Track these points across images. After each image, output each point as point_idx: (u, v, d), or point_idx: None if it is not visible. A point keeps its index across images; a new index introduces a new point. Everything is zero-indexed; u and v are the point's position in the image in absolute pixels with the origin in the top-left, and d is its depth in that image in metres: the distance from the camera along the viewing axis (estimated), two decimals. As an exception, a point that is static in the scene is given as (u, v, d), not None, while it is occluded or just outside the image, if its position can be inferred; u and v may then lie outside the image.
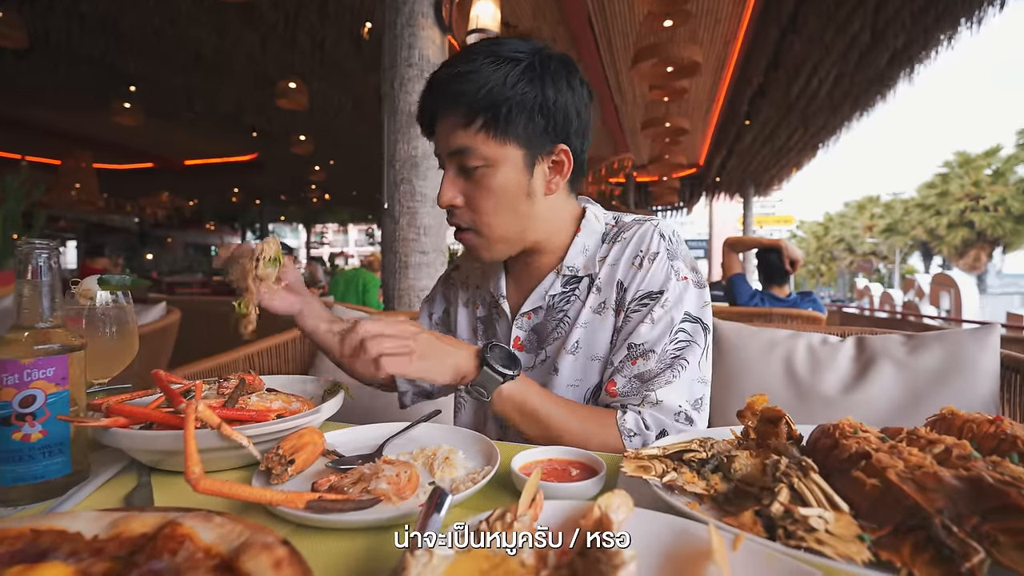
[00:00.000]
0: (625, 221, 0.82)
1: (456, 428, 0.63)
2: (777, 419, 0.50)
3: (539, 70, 0.70)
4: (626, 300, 0.75)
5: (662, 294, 0.73)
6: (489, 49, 0.70)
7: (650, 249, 0.76)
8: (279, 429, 0.52)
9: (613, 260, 0.78)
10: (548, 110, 0.70)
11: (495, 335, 0.87)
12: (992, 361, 1.20)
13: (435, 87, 0.71)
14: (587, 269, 0.79)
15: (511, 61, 0.69)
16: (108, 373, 0.77)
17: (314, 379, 0.74)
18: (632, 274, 0.75)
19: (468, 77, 0.68)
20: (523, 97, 0.68)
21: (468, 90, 0.68)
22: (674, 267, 0.75)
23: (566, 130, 0.73)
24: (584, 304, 0.78)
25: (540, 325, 0.81)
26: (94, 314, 0.75)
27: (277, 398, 0.59)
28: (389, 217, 2.09)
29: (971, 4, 4.31)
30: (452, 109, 0.70)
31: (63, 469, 0.48)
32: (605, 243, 0.80)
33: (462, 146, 0.70)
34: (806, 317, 2.56)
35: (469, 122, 0.69)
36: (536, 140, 0.71)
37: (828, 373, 1.32)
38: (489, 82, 0.67)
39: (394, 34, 2.07)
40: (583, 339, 0.77)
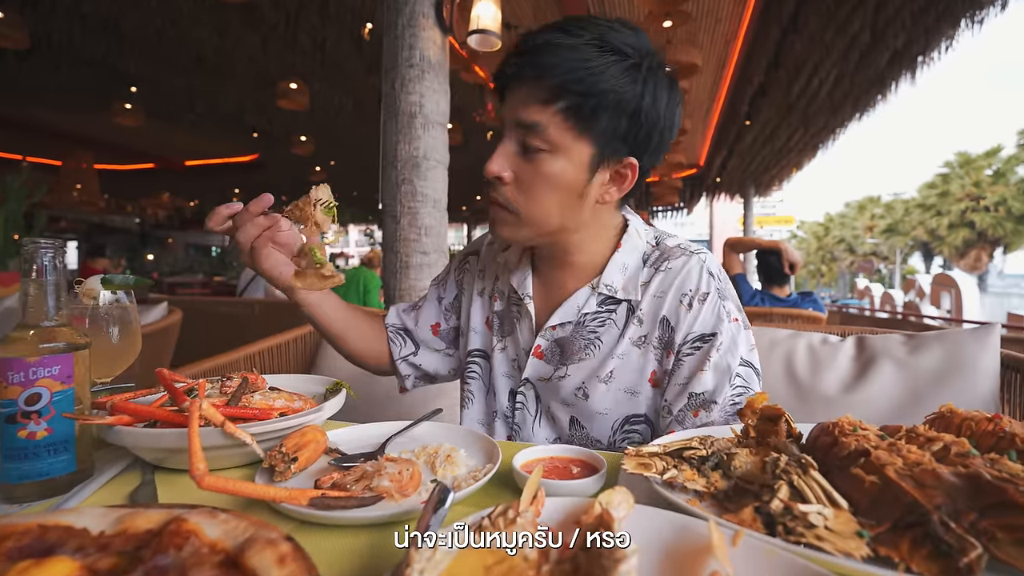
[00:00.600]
0: (668, 245, 0.78)
1: (458, 427, 0.63)
2: (777, 417, 0.50)
3: (644, 73, 0.65)
4: (675, 341, 0.71)
5: (715, 336, 0.70)
6: (598, 30, 0.64)
7: (700, 288, 0.72)
8: (282, 427, 0.52)
9: (657, 291, 0.74)
10: (637, 117, 0.65)
11: (513, 334, 0.83)
12: (992, 361, 1.20)
13: (527, 50, 0.64)
14: (626, 292, 0.75)
15: (618, 53, 0.64)
16: (111, 372, 0.78)
17: (316, 378, 0.74)
18: (681, 314, 0.72)
19: (566, 52, 0.62)
20: (618, 94, 0.63)
21: (562, 66, 0.62)
22: (725, 308, 0.72)
23: (644, 145, 0.68)
24: (622, 334, 0.74)
25: (566, 340, 0.77)
26: (97, 313, 0.75)
27: (280, 396, 0.60)
28: (390, 217, 2.10)
29: (972, 4, 4.31)
30: (537, 80, 0.64)
31: (68, 467, 0.49)
32: (647, 266, 0.76)
33: (534, 122, 0.64)
34: (806, 317, 2.56)
35: (551, 99, 0.63)
36: (611, 144, 0.66)
37: (828, 373, 1.32)
38: (587, 65, 0.62)
39: (395, 35, 2.07)
40: (619, 371, 0.74)
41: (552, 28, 0.65)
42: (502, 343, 0.84)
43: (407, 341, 0.93)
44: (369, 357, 0.90)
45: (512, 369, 0.84)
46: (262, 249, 0.67)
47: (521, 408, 0.81)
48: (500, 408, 0.84)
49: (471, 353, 0.88)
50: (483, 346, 0.87)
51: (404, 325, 0.93)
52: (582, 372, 0.76)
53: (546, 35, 0.64)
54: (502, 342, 0.84)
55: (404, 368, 0.92)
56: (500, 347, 0.84)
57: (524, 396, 0.81)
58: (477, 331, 0.88)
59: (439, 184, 2.12)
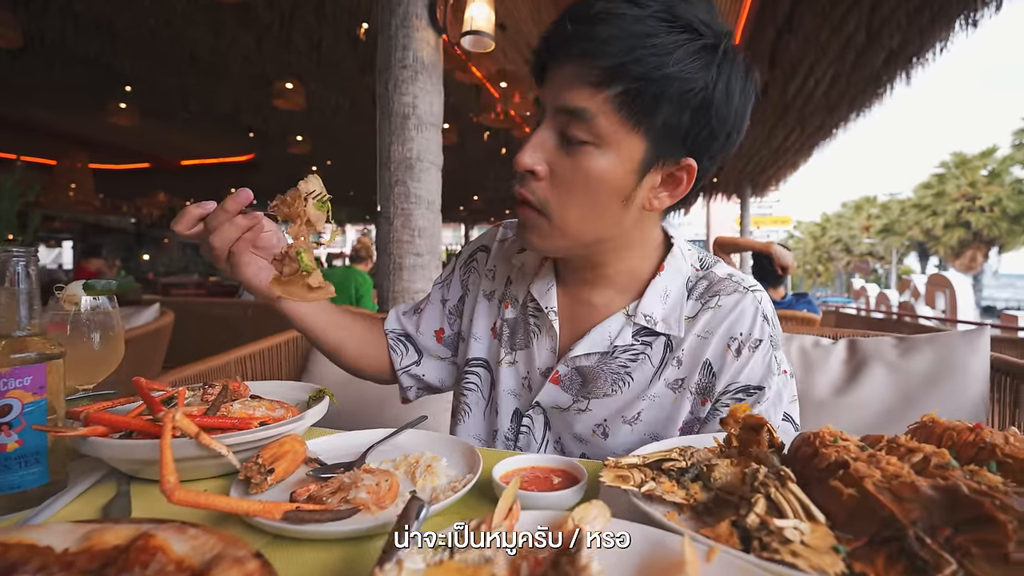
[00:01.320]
0: (717, 275, 0.68)
1: (440, 435, 0.63)
2: (759, 427, 0.50)
3: (720, 57, 0.54)
4: (715, 389, 0.64)
5: (762, 391, 0.63)
6: (667, 2, 0.53)
7: (752, 334, 0.64)
8: (260, 438, 0.51)
9: (703, 331, 0.65)
10: (705, 112, 0.55)
11: (527, 348, 0.73)
12: (982, 363, 1.20)
13: (579, 19, 0.53)
14: (667, 326, 0.65)
15: (690, 30, 0.53)
16: (93, 379, 0.77)
17: (301, 385, 0.73)
18: (727, 360, 0.64)
19: (625, 24, 0.51)
20: (684, 83, 0.52)
21: (618, 43, 0.51)
22: (777, 359, 0.65)
23: (708, 145, 0.58)
24: (658, 374, 0.65)
25: (590, 370, 0.68)
26: (79, 319, 0.74)
27: (260, 405, 0.59)
28: (383, 219, 2.09)
29: (966, 5, 4.32)
30: (587, 58, 0.53)
31: (40, 479, 0.48)
32: (692, 297, 0.67)
33: (580, 108, 0.54)
34: (801, 318, 2.57)
35: (604, 83, 0.53)
36: (668, 141, 0.56)
37: (820, 376, 1.33)
38: (650, 44, 0.51)
39: (388, 35, 2.06)
40: (647, 413, 0.66)
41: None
42: (511, 356, 0.75)
43: (408, 349, 0.84)
44: (368, 367, 0.82)
45: (521, 388, 0.74)
46: (242, 255, 0.58)
47: (526, 433, 0.73)
48: (501, 428, 0.75)
49: (470, 362, 0.79)
50: (486, 356, 0.78)
51: (405, 330, 0.85)
52: (605, 409, 0.67)
53: (604, 2, 0.52)
54: (511, 355, 0.75)
55: (406, 380, 0.84)
56: (509, 360, 0.75)
57: (531, 420, 0.73)
58: (480, 338, 0.78)
59: (432, 185, 2.12)
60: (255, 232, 0.59)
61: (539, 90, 0.60)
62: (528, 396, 0.74)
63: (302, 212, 0.56)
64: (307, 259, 0.56)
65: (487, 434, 0.78)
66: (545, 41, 0.58)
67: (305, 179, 0.58)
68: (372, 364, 0.82)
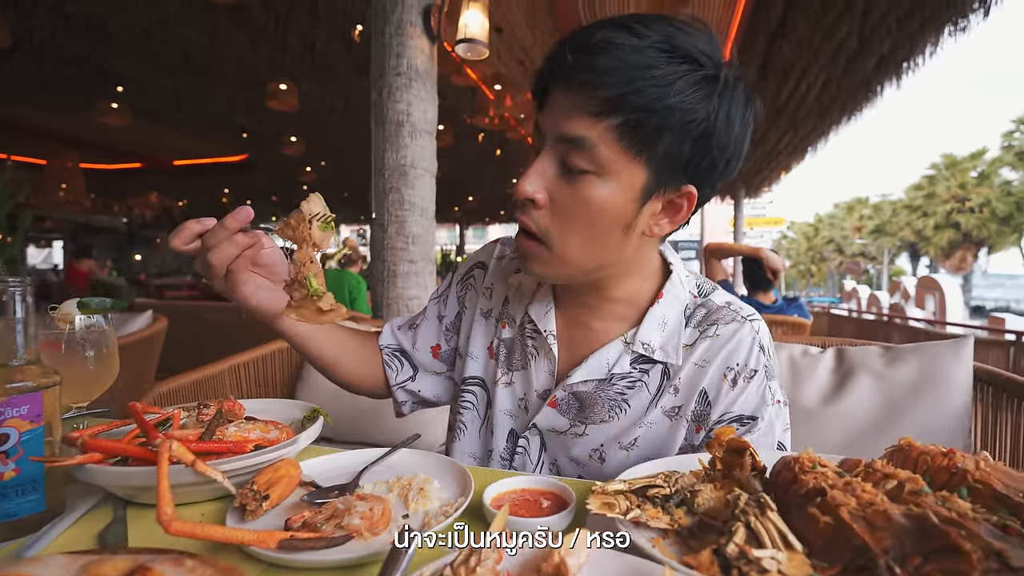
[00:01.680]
0: (715, 303, 0.68)
1: (432, 454, 0.64)
2: (742, 450, 0.51)
3: (720, 87, 0.54)
4: (710, 418, 0.65)
5: (755, 421, 0.64)
6: (666, 31, 0.53)
7: (748, 364, 0.64)
8: (255, 463, 0.52)
9: (700, 359, 0.65)
10: (706, 142, 0.55)
11: (524, 370, 0.73)
12: (965, 373, 1.23)
13: (579, 48, 0.53)
14: (665, 354, 0.66)
15: (689, 61, 0.53)
16: (88, 397, 0.77)
17: (295, 403, 0.74)
18: (723, 390, 0.64)
19: (625, 55, 0.51)
20: (686, 114, 0.53)
21: (618, 74, 0.51)
22: (771, 389, 0.65)
23: (709, 174, 0.58)
24: (655, 401, 0.66)
25: (587, 396, 0.68)
26: (73, 338, 0.75)
27: (255, 427, 0.60)
28: (377, 225, 2.10)
29: (955, 12, 4.38)
30: (587, 88, 0.53)
31: (37, 506, 0.48)
32: (690, 325, 0.67)
33: (581, 137, 0.54)
34: (791, 323, 2.60)
35: (604, 112, 0.53)
36: (669, 170, 0.56)
37: (808, 384, 1.35)
38: (650, 75, 0.51)
39: (382, 43, 2.07)
40: (643, 440, 0.67)
41: (612, 25, 0.53)
42: (508, 376, 0.75)
43: (404, 364, 0.84)
44: (363, 383, 0.82)
45: (517, 409, 0.75)
46: (240, 272, 0.57)
47: (522, 453, 0.73)
48: (496, 448, 0.75)
49: (466, 380, 0.79)
50: (482, 375, 0.78)
51: (401, 346, 0.84)
52: (602, 434, 0.68)
53: (604, 31, 0.53)
54: (508, 375, 0.75)
55: (401, 395, 0.84)
56: (505, 381, 0.75)
57: (527, 441, 0.73)
58: (476, 357, 0.78)
59: (427, 192, 2.13)
60: (255, 250, 0.58)
61: (539, 116, 0.60)
62: (524, 417, 0.74)
63: (307, 236, 0.56)
64: (316, 283, 0.56)
65: (482, 453, 0.78)
66: (546, 67, 0.58)
67: (307, 199, 0.57)
68: (366, 380, 0.82)
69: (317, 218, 0.56)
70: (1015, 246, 24.76)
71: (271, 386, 1.78)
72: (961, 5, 4.27)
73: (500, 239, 0.86)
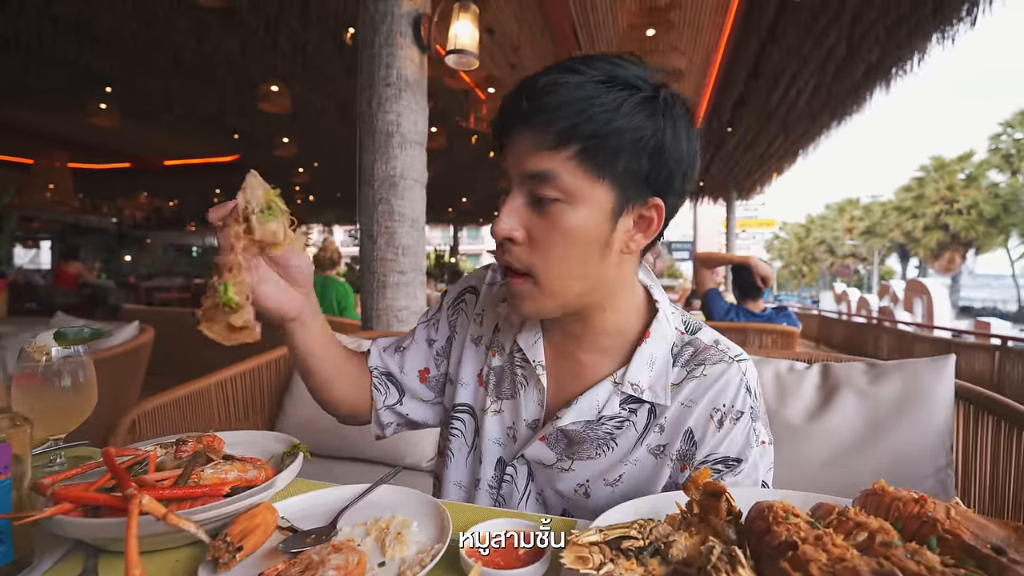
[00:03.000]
0: (703, 343, 0.69)
1: (412, 492, 0.63)
2: (718, 494, 0.51)
3: (662, 105, 0.59)
4: (695, 458, 0.65)
5: (739, 463, 0.64)
6: (605, 67, 0.58)
7: (735, 406, 0.65)
8: (228, 512, 0.52)
9: (687, 399, 0.66)
10: (659, 155, 0.59)
11: (513, 399, 0.73)
12: (947, 391, 1.25)
13: (526, 94, 0.58)
14: (654, 394, 0.67)
15: (628, 88, 0.58)
16: (64, 429, 0.76)
17: (276, 435, 0.74)
18: (709, 431, 0.65)
19: (570, 92, 0.56)
20: (635, 132, 0.57)
21: (568, 108, 0.56)
22: (755, 431, 0.66)
23: (669, 185, 0.61)
24: (641, 440, 0.67)
25: (576, 433, 0.69)
26: (50, 370, 0.74)
27: (233, 467, 0.59)
28: (367, 237, 2.09)
29: (942, 20, 4.44)
30: (542, 126, 0.57)
31: (5, 558, 0.48)
32: (677, 365, 0.68)
33: (543, 171, 0.58)
34: (780, 331, 2.62)
35: (560, 145, 0.57)
36: (632, 186, 0.60)
37: (794, 401, 1.36)
38: (596, 104, 0.56)
39: (371, 52, 2.06)
40: (628, 477, 0.67)
41: (553, 69, 0.59)
42: (497, 405, 0.75)
43: (391, 387, 0.82)
44: (348, 405, 0.79)
45: (506, 438, 0.75)
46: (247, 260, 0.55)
47: (509, 482, 0.73)
48: (484, 477, 0.74)
49: (456, 407, 0.79)
50: (471, 402, 0.78)
51: (388, 369, 0.82)
52: (588, 470, 0.69)
53: (548, 76, 0.58)
54: (497, 403, 0.75)
55: (387, 416, 0.81)
56: (494, 409, 0.75)
57: (515, 470, 0.73)
58: (466, 384, 0.78)
59: (417, 203, 2.12)
60: None
61: (503, 161, 0.63)
62: (513, 447, 0.74)
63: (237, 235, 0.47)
64: (232, 292, 0.48)
65: (469, 481, 0.78)
66: (502, 116, 0.62)
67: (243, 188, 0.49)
68: (353, 402, 0.80)
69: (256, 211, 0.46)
70: (1002, 247, 25.12)
71: (259, 400, 1.77)
72: (948, 14, 4.33)
73: (491, 265, 0.85)
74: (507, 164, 0.62)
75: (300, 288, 0.63)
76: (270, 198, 0.52)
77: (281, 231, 0.52)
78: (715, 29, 5.20)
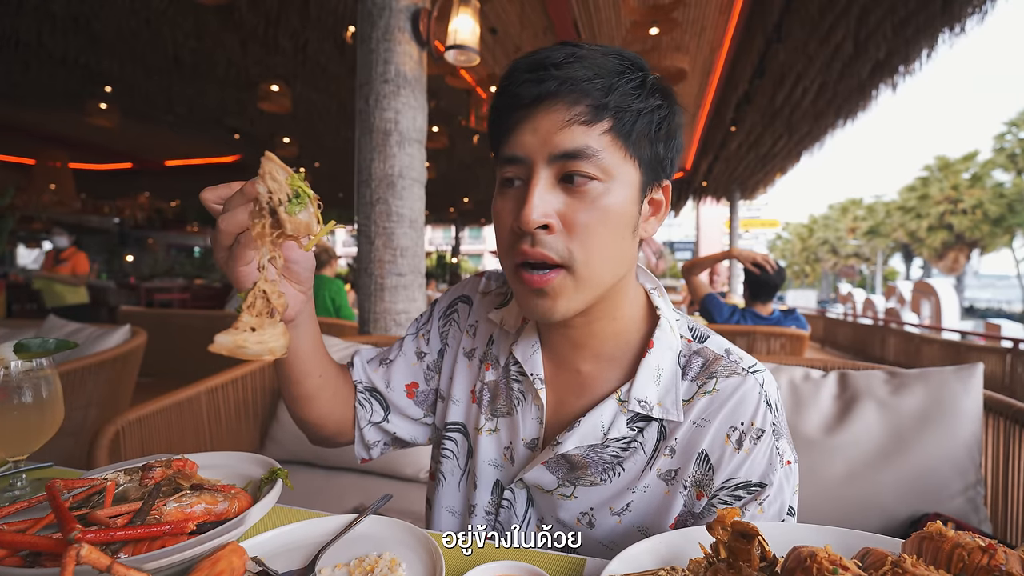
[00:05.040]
0: (712, 352, 0.62)
1: (400, 525, 0.57)
2: (750, 536, 0.45)
3: (666, 90, 0.57)
4: (712, 483, 0.58)
5: (763, 488, 0.57)
6: (602, 48, 0.56)
7: (755, 423, 0.58)
8: (190, 556, 0.45)
9: (699, 418, 0.59)
10: (672, 137, 0.58)
11: (510, 416, 0.68)
12: (975, 403, 1.17)
13: (549, 66, 0.53)
14: (664, 411, 0.60)
15: (644, 70, 0.56)
16: (27, 449, 0.70)
17: (254, 457, 0.67)
18: (727, 453, 0.58)
19: (597, 63, 0.53)
20: (656, 111, 0.55)
21: (599, 80, 0.52)
22: (779, 450, 0.59)
23: (672, 169, 0.60)
24: (650, 464, 0.60)
25: (579, 457, 0.62)
26: (8, 385, 0.67)
27: (201, 499, 0.53)
28: (364, 238, 2.02)
29: (951, 17, 4.36)
30: (571, 99, 0.52)
31: (-71, 613, 0.41)
32: (687, 378, 0.61)
33: (582, 147, 0.52)
34: (789, 335, 2.55)
35: (594, 119, 0.52)
36: (652, 167, 0.57)
37: (811, 411, 1.29)
38: (624, 80, 0.54)
39: (369, 48, 2.00)
40: (637, 505, 0.61)
41: (564, 44, 0.55)
42: (492, 423, 0.69)
43: (375, 404, 0.75)
44: (334, 424, 0.72)
45: (502, 459, 0.69)
46: (247, 247, 0.48)
47: (507, 508, 0.67)
48: (480, 502, 0.69)
49: (448, 425, 0.73)
50: (464, 420, 0.72)
51: (373, 384, 0.75)
52: (592, 498, 0.62)
53: (564, 49, 0.54)
54: (493, 421, 0.69)
55: (373, 434, 0.75)
56: (489, 428, 0.69)
57: (513, 495, 0.67)
58: (458, 401, 0.72)
59: (416, 203, 2.05)
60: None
61: (508, 147, 0.56)
62: (511, 469, 0.68)
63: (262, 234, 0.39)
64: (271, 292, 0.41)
65: (463, 508, 0.72)
66: (506, 99, 0.56)
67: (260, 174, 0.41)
68: (337, 420, 0.73)
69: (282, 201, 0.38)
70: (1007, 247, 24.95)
71: (250, 408, 1.71)
72: (957, 12, 4.25)
73: (486, 272, 0.79)
74: (520, 147, 0.54)
75: (299, 286, 0.56)
76: (296, 183, 0.43)
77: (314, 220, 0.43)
78: (720, 27, 5.13)
